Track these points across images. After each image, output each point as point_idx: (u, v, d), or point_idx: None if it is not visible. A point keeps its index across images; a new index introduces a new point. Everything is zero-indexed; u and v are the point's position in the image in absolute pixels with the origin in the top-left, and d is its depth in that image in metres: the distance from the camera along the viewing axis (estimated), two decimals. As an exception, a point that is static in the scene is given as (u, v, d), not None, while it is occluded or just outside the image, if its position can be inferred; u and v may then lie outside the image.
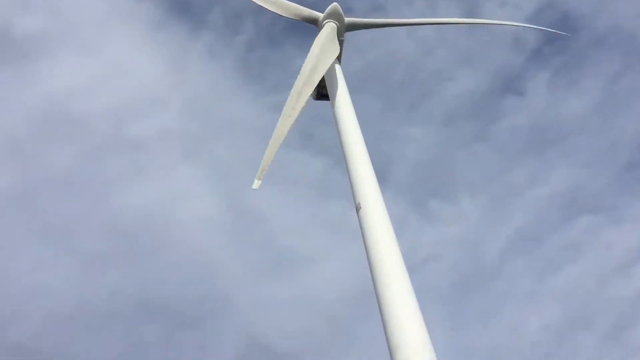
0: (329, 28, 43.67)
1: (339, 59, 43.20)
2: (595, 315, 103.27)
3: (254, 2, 48.47)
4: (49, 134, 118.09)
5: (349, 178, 39.69)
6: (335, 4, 45.15)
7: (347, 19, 45.16)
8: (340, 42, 44.07)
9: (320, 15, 45.60)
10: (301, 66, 39.81)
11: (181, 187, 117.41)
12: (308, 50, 40.84)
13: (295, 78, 38.47)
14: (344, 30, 44.86)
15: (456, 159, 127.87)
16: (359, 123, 38.54)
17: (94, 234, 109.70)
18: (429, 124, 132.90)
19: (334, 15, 44.78)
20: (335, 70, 41.37)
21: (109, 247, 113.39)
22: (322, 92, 42.39)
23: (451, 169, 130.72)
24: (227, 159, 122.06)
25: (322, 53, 40.75)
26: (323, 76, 39.95)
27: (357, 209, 38.40)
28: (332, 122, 38.31)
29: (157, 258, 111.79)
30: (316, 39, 42.98)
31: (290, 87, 38.04)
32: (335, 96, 39.26)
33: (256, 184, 36.91)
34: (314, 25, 45.87)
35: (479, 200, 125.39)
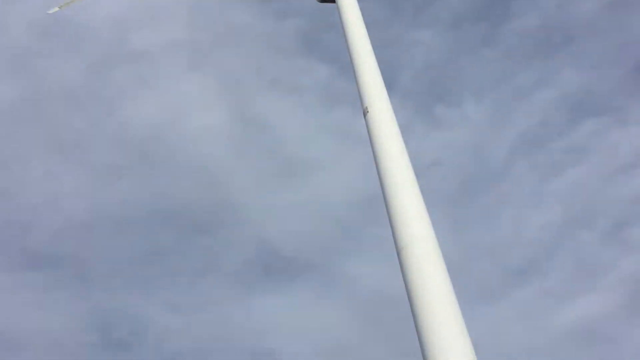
0: None
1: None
2: (596, 214, 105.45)
3: None
4: (54, 45, 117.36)
5: (356, 82, 39.99)
6: None
7: None
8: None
9: None
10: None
11: (189, 97, 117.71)
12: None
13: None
14: None
15: (462, 64, 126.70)
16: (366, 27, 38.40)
17: (104, 145, 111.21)
18: (435, 28, 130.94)
19: None
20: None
21: (120, 158, 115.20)
22: (327, -7, 41.92)
23: (457, 73, 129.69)
24: (233, 69, 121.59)
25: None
26: (329, -22, 39.47)
27: (365, 112, 38.96)
28: (338, 27, 38.17)
29: (168, 168, 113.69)
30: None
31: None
32: (341, -2, 38.96)
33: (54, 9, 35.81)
34: None
35: (484, 105, 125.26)
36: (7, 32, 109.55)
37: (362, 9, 39.50)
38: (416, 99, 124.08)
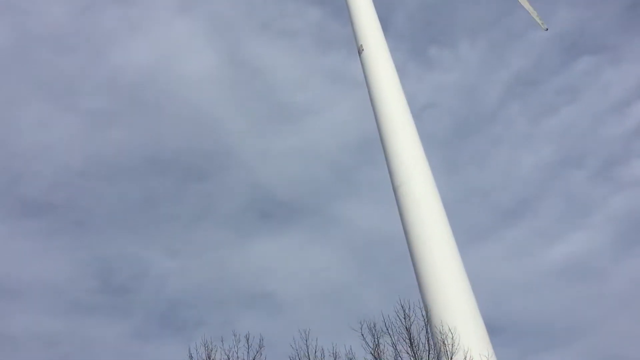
0: None
1: None
2: (587, 154, 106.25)
3: None
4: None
5: (350, 20, 39.64)
6: None
7: None
8: None
9: None
10: None
11: (179, 42, 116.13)
12: None
13: None
14: None
15: (456, 4, 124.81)
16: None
17: (95, 91, 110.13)
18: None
19: None
20: None
21: (112, 104, 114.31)
22: None
23: (451, 14, 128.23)
24: (224, 12, 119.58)
25: None
26: None
27: (360, 51, 38.75)
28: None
29: (161, 114, 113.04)
30: None
31: None
32: None
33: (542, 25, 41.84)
34: None
35: (478, 46, 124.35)
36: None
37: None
38: (410, 41, 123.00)
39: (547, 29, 42.09)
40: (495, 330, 28.79)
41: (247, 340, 28.12)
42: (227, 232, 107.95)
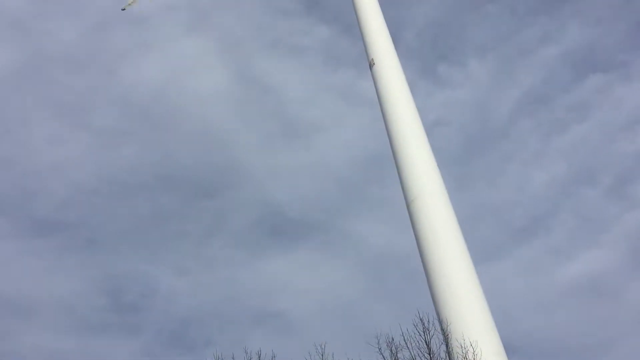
0: None
1: None
2: (599, 171, 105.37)
3: None
4: (51, 8, 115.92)
5: (362, 34, 39.47)
6: None
7: None
8: None
9: None
10: None
11: (190, 60, 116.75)
12: None
13: None
14: None
15: (466, 21, 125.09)
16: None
17: (107, 109, 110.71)
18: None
19: None
20: None
21: (124, 122, 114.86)
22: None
23: (460, 31, 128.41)
24: (234, 30, 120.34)
25: None
26: None
27: (371, 65, 38.54)
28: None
29: (172, 131, 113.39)
30: None
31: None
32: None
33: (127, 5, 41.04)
34: None
35: (487, 63, 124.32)
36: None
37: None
38: (420, 58, 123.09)
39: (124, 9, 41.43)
40: (509, 348, 28.33)
41: (259, 356, 27.75)
42: (237, 249, 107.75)
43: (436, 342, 23.83)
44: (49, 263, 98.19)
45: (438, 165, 33.69)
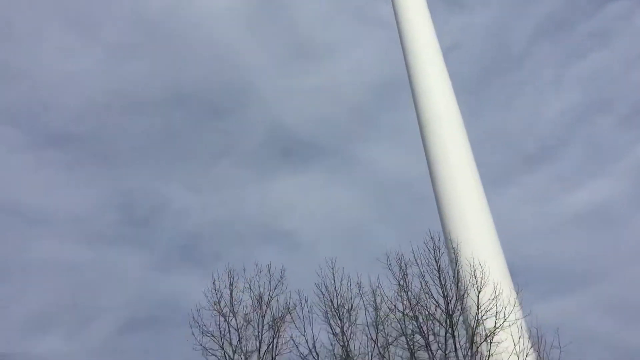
0: None
1: None
2: (616, 100, 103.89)
3: None
4: None
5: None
6: None
7: None
8: None
9: None
10: None
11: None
12: None
13: None
14: None
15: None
16: None
17: (119, 24, 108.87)
18: None
19: None
20: None
21: (136, 38, 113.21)
22: None
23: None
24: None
25: None
26: None
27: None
28: None
29: (184, 49, 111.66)
30: None
31: None
32: None
33: None
34: None
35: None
36: None
37: None
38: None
39: None
40: (512, 271, 29.00)
41: (269, 270, 28.53)
42: (246, 169, 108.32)
43: (445, 261, 24.44)
44: (61, 175, 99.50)
45: (453, 90, 33.51)
